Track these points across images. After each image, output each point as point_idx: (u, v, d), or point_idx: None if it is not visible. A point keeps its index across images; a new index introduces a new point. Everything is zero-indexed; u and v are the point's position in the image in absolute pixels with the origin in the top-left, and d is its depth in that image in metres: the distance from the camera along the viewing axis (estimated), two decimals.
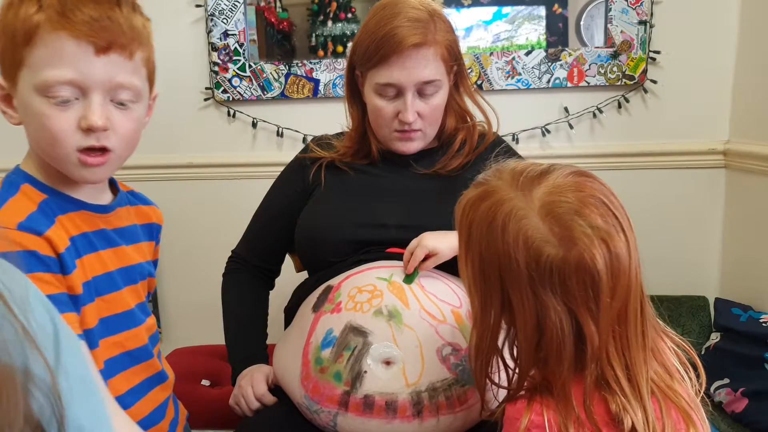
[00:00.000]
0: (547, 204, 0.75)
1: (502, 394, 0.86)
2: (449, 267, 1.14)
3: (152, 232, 0.98)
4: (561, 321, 0.73)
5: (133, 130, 0.83)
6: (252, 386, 1.14)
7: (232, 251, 1.36)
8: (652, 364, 0.77)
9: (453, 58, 1.19)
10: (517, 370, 0.80)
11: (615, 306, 0.73)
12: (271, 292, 1.36)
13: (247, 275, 1.32)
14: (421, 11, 1.15)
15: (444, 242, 1.07)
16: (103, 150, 0.80)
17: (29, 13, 0.75)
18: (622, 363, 0.74)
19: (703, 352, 1.68)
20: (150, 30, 0.84)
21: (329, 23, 1.92)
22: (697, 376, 0.82)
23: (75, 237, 0.82)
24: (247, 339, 1.26)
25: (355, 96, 1.27)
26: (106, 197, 0.89)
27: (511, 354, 0.81)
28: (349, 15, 1.93)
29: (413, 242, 1.09)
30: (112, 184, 0.93)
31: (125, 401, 0.87)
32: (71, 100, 0.77)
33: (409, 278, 1.07)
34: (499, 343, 0.82)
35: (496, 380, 0.85)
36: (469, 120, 1.27)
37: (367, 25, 1.18)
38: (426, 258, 1.07)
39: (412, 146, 1.22)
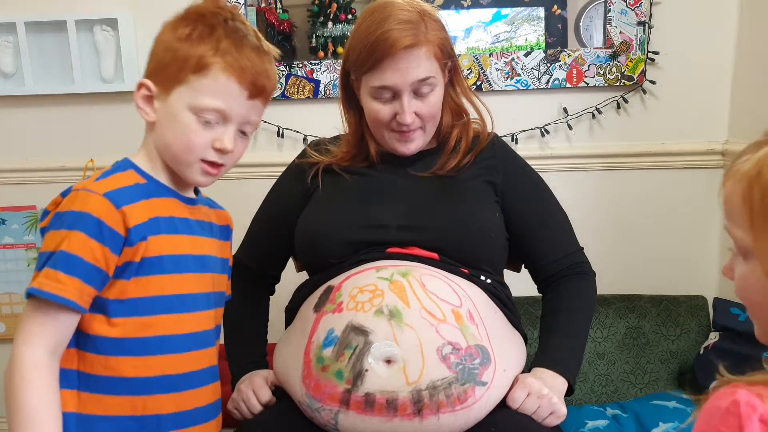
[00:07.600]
0: None
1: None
2: (449, 266, 1.15)
3: (228, 233, 1.12)
4: None
5: (243, 153, 1.01)
6: (254, 391, 1.15)
7: (233, 256, 1.36)
8: None
9: (446, 56, 1.19)
10: None
11: None
12: None
13: (247, 282, 1.31)
14: (410, 12, 1.14)
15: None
16: (220, 165, 0.97)
17: (206, 53, 0.92)
18: None
19: (701, 352, 1.69)
20: None
21: (329, 24, 1.92)
22: None
23: (161, 217, 0.95)
24: (246, 347, 1.27)
25: (351, 101, 1.26)
26: (191, 194, 1.04)
27: None
28: (350, 16, 1.93)
29: (533, 402, 1.07)
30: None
31: (180, 383, 0.95)
32: (213, 123, 0.94)
33: None
34: None
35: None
36: (464, 116, 1.28)
37: (358, 31, 1.17)
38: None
39: (412, 146, 1.22)
